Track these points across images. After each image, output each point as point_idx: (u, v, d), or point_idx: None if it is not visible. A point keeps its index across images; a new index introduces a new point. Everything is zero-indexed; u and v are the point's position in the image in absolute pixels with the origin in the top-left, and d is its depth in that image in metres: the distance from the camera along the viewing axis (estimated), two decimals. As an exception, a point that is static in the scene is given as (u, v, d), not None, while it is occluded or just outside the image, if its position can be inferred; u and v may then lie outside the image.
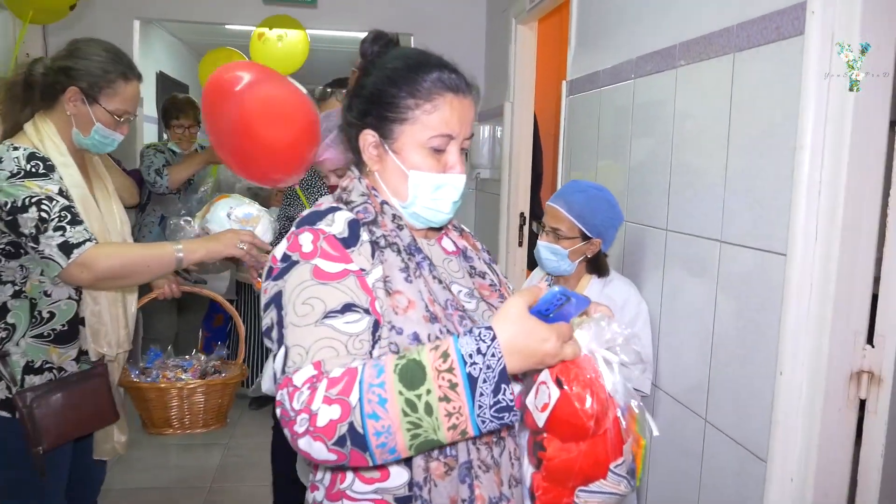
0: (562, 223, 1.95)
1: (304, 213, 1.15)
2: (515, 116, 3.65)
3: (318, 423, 0.90)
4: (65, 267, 1.62)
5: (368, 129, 1.15)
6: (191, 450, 3.58)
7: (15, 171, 1.65)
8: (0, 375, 1.70)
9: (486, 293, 1.22)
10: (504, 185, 3.73)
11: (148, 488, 3.19)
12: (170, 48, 7.07)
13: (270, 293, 1.07)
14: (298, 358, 0.98)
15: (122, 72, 1.80)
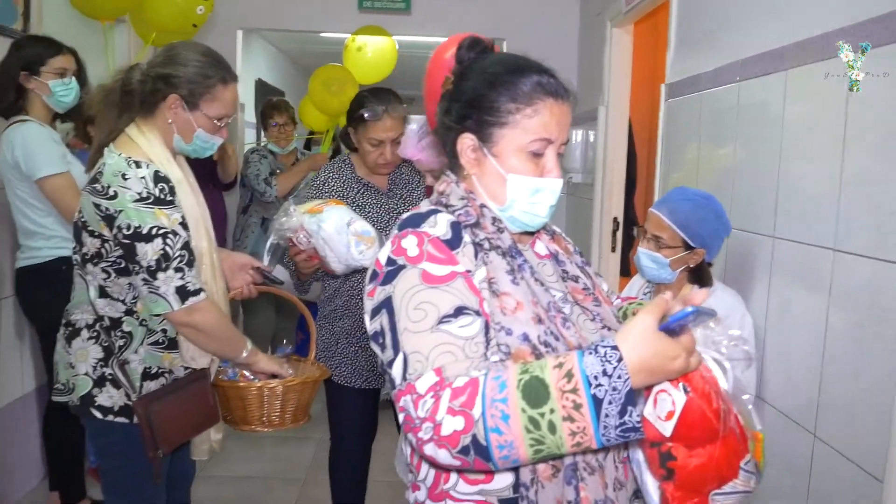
0: (664, 231, 1.91)
1: (404, 216, 1.15)
2: (610, 120, 3.61)
3: (442, 432, 0.93)
4: (175, 310, 1.66)
5: (467, 133, 1.16)
6: (286, 442, 3.70)
7: (144, 195, 1.65)
8: (118, 383, 1.74)
9: (579, 297, 1.21)
10: (597, 189, 3.69)
11: (245, 477, 3.32)
12: (268, 56, 7.33)
13: (378, 298, 1.08)
14: (419, 365, 0.99)
15: (222, 77, 1.80)
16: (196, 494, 3.02)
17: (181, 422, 1.80)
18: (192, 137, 1.80)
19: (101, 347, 1.74)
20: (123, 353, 1.75)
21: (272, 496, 3.16)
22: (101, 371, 1.74)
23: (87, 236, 1.69)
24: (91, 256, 1.70)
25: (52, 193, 2.46)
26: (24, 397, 2.94)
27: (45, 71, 2.54)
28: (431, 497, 1.13)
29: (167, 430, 1.75)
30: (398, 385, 1.01)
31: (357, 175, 2.34)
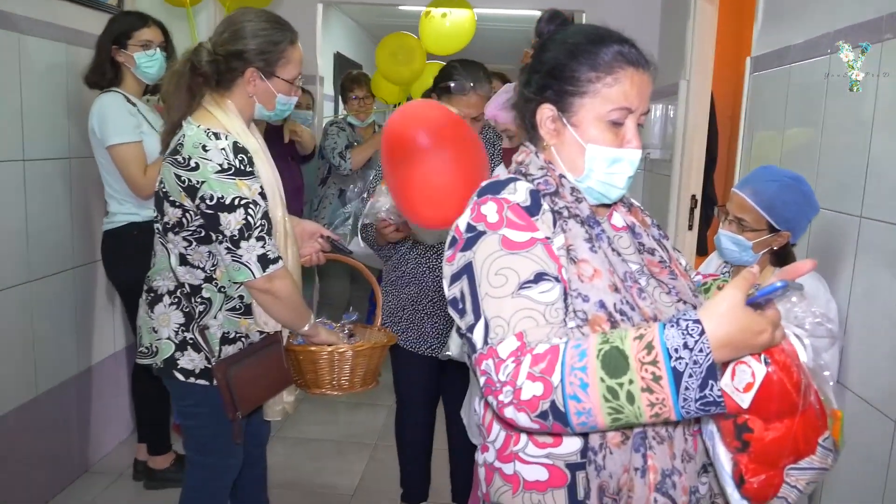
0: (748, 213, 1.84)
1: (482, 183, 1.16)
2: (691, 95, 3.50)
3: (521, 396, 0.96)
4: (257, 278, 1.73)
5: (547, 104, 1.16)
6: (358, 408, 3.81)
7: (224, 165, 1.69)
8: (199, 347, 1.83)
9: (655, 270, 1.20)
10: (675, 166, 3.60)
11: (319, 440, 3.44)
12: (346, 29, 7.41)
13: (459, 264, 1.09)
14: (500, 330, 1.01)
15: (290, 38, 1.83)
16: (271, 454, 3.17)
17: (257, 384, 1.87)
18: (274, 103, 1.85)
19: (182, 313, 1.83)
20: (203, 318, 1.82)
21: (343, 459, 3.27)
22: (183, 335, 1.83)
23: (168, 206, 1.76)
24: (172, 225, 1.77)
25: (117, 161, 2.56)
26: (116, 354, 3.12)
27: (131, 44, 2.63)
28: (500, 458, 1.16)
29: (245, 393, 1.83)
30: (479, 349, 1.03)
31: None
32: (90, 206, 2.92)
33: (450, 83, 2.26)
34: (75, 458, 2.91)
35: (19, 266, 2.53)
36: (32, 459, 2.64)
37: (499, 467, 1.16)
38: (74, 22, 2.80)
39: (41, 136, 2.63)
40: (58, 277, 2.74)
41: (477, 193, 1.14)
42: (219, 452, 1.93)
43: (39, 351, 2.65)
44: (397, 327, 2.39)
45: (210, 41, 1.82)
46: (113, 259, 2.75)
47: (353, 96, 4.09)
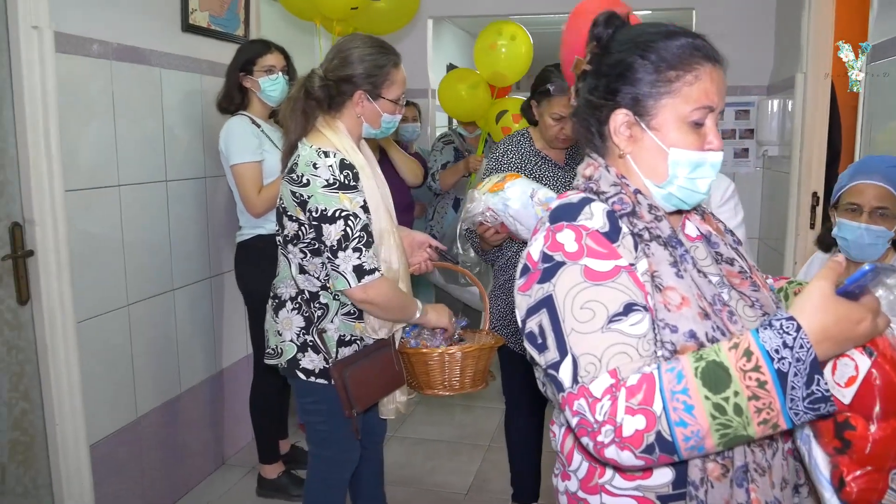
0: (888, 201, 1.75)
1: (553, 205, 1.09)
2: (809, 88, 3.36)
3: (624, 433, 0.90)
4: (352, 287, 1.84)
5: (622, 109, 1.09)
6: (473, 410, 3.91)
7: (330, 181, 1.83)
8: (318, 348, 1.98)
9: (735, 281, 1.14)
10: (794, 162, 3.46)
11: (435, 440, 3.57)
12: (458, 40, 7.58)
13: (536, 297, 1.03)
14: (592, 367, 0.95)
15: (393, 62, 1.97)
16: (389, 453, 3.32)
17: (371, 384, 2.00)
18: (380, 122, 1.99)
19: (302, 317, 1.99)
20: (321, 322, 1.97)
21: (457, 459, 3.37)
22: (304, 338, 1.99)
23: (286, 220, 1.93)
24: (291, 238, 1.93)
25: (236, 178, 2.75)
26: (247, 357, 3.38)
27: (256, 70, 2.83)
28: (585, 489, 1.11)
29: (360, 391, 1.97)
30: (568, 388, 0.96)
31: (535, 148, 2.42)
32: (222, 221, 3.19)
33: (549, 86, 2.31)
34: (212, 452, 3.18)
35: (164, 276, 2.82)
36: (175, 452, 2.92)
37: (583, 498, 1.12)
38: (208, 54, 3.07)
39: (180, 159, 2.91)
40: (196, 286, 3.02)
41: (549, 219, 1.06)
42: (337, 447, 2.08)
43: (182, 353, 2.93)
44: (506, 331, 2.46)
45: (321, 67, 1.98)
46: (242, 268, 2.98)
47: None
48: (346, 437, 2.06)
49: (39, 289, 2.25)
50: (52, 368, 2.30)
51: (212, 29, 3.13)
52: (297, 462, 3.12)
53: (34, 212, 2.21)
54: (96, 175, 2.46)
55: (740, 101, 4.24)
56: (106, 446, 2.52)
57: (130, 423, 2.64)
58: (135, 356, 2.66)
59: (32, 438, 2.30)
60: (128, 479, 2.64)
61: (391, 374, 2.07)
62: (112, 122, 2.52)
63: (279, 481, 3.00)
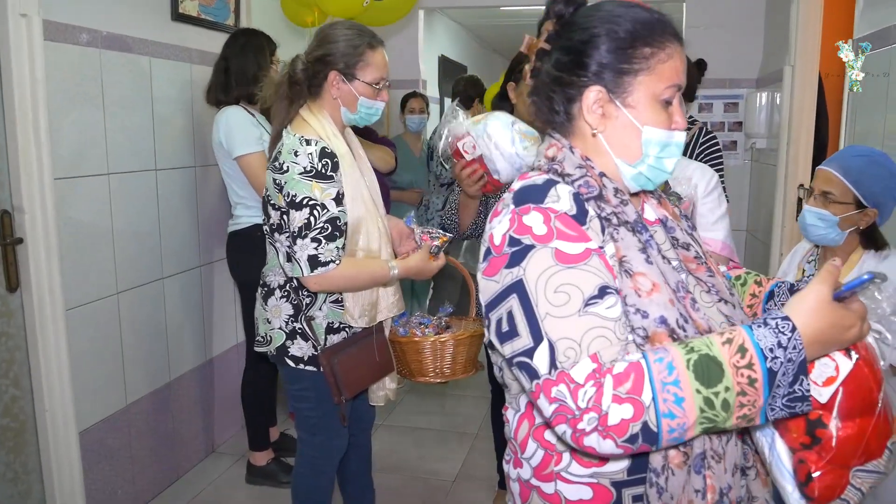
0: (834, 186, 1.79)
1: (516, 187, 1.06)
2: (797, 81, 3.40)
3: (609, 422, 0.88)
4: (305, 276, 1.85)
5: (595, 86, 1.05)
6: (462, 399, 3.94)
7: (307, 168, 1.83)
8: (307, 336, 2.00)
9: (692, 266, 1.13)
10: (782, 155, 3.50)
11: (424, 429, 3.60)
12: (450, 32, 7.57)
13: (504, 282, 0.99)
14: (571, 353, 0.92)
15: (368, 42, 1.94)
16: (378, 440, 3.34)
17: (359, 371, 2.02)
18: (357, 106, 1.97)
19: (291, 305, 2.00)
20: (310, 310, 1.99)
21: (446, 447, 3.40)
22: (292, 325, 2.01)
23: (271, 209, 1.94)
24: (276, 227, 1.94)
25: (246, 169, 2.76)
26: (237, 346, 3.40)
27: None
28: (538, 477, 1.10)
29: (348, 378, 1.99)
30: (543, 374, 0.93)
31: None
32: (212, 210, 3.20)
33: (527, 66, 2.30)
34: (202, 439, 3.21)
35: (153, 264, 2.83)
36: (165, 439, 2.94)
37: (536, 485, 1.11)
38: (198, 44, 3.08)
39: (170, 148, 2.92)
40: (186, 275, 3.03)
41: (513, 201, 1.03)
42: (326, 433, 2.10)
43: (172, 341, 2.95)
44: (491, 320, 2.47)
45: (305, 52, 1.99)
46: (236, 257, 2.99)
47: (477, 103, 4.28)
48: (335, 423, 2.08)
49: (29, 276, 2.26)
50: (41, 355, 2.31)
51: (202, 18, 3.13)
52: (286, 449, 3.15)
53: (23, 199, 2.22)
54: (85, 163, 2.47)
55: (729, 94, 4.27)
56: (95, 433, 2.54)
57: (120, 410, 2.66)
58: (124, 344, 2.67)
59: (22, 425, 2.32)
60: (117, 465, 2.66)
61: (380, 362, 2.09)
62: (101, 110, 2.53)
63: (269, 468, 3.03)
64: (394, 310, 2.09)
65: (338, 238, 1.87)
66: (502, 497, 2.76)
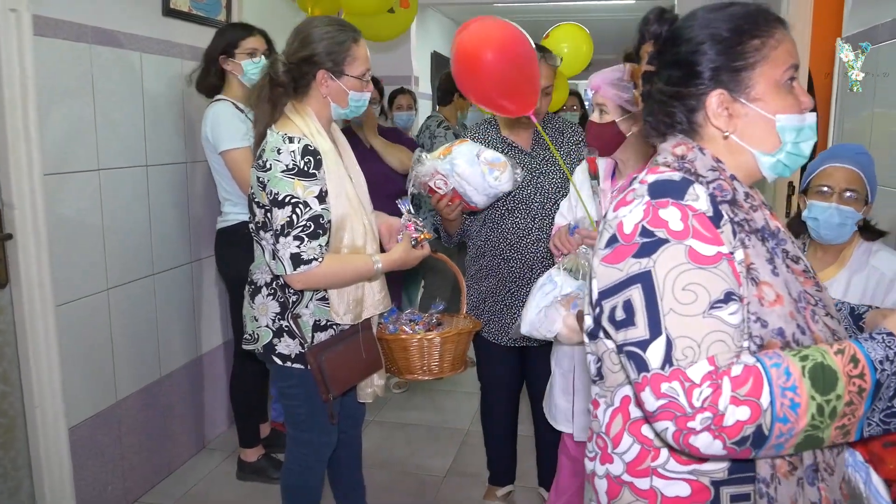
0: (858, 185, 1.80)
1: (650, 180, 1.06)
2: (786, 79, 3.41)
3: (724, 422, 0.90)
4: (288, 274, 1.85)
5: (715, 91, 1.06)
6: (453, 395, 3.95)
7: (290, 166, 1.83)
8: (294, 334, 1.99)
9: (800, 279, 1.10)
10: (770, 152, 3.51)
11: (415, 425, 3.60)
12: (443, 29, 7.57)
13: (630, 271, 1.00)
14: (690, 351, 0.93)
15: (352, 37, 1.94)
16: (369, 437, 3.36)
17: (347, 368, 2.02)
18: (347, 101, 1.97)
19: (277, 303, 2.01)
20: (296, 307, 1.99)
21: (437, 443, 3.41)
22: (279, 323, 2.01)
23: (255, 207, 1.94)
24: (261, 225, 1.94)
25: (230, 164, 2.75)
26: (227, 343, 3.39)
27: (238, 52, 2.81)
28: (632, 472, 1.10)
29: (335, 376, 1.99)
30: (654, 368, 0.94)
31: (501, 135, 2.44)
32: (203, 206, 3.20)
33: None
34: (192, 435, 3.21)
35: (144, 261, 2.82)
36: (156, 436, 2.94)
37: (629, 481, 1.10)
38: (190, 39, 3.06)
39: (160, 144, 2.91)
40: (176, 272, 3.03)
41: (649, 192, 1.03)
42: (315, 430, 2.11)
43: (162, 337, 2.94)
44: (480, 318, 2.48)
45: (284, 53, 1.97)
46: (224, 254, 2.98)
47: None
48: (324, 420, 2.08)
49: (19, 272, 2.25)
50: (31, 351, 2.31)
51: (193, 13, 3.12)
52: (276, 445, 3.15)
53: (13, 195, 2.22)
54: (75, 159, 2.46)
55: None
56: (85, 429, 2.54)
57: (110, 406, 2.66)
58: (114, 340, 2.67)
59: (12, 421, 2.32)
60: (107, 462, 2.66)
61: (368, 359, 2.09)
62: (91, 106, 2.52)
63: (259, 464, 3.03)
64: (380, 307, 2.09)
65: (321, 236, 1.87)
66: (492, 492, 2.77)
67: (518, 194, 2.29)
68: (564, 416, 2.21)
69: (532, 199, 2.37)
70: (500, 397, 2.62)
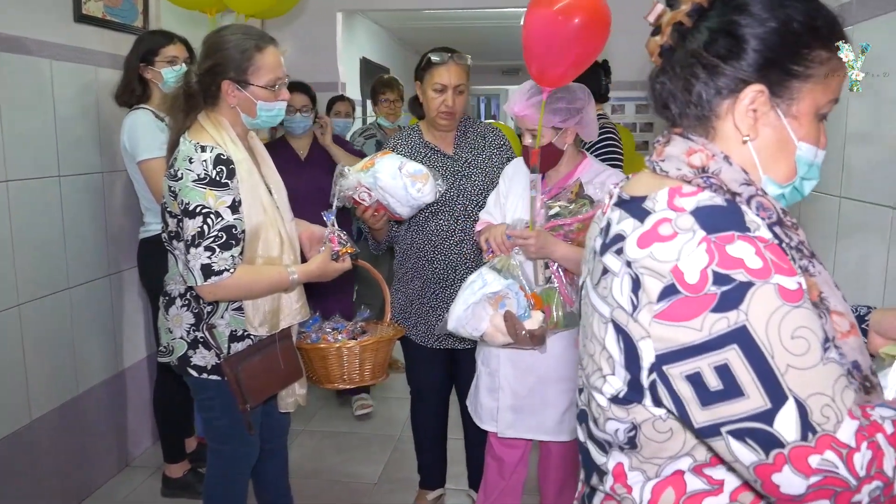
0: None
1: (684, 205, 0.85)
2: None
3: (895, 491, 0.78)
4: (199, 286, 1.82)
5: (756, 84, 0.88)
6: (385, 402, 3.93)
7: (201, 175, 1.80)
8: (209, 344, 1.96)
9: None
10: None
11: (347, 433, 3.58)
12: (372, 34, 7.56)
13: (716, 329, 0.79)
14: (829, 410, 0.77)
15: (255, 44, 1.87)
16: (300, 446, 3.32)
17: (265, 378, 1.99)
18: (256, 111, 1.92)
19: (192, 314, 1.97)
20: (211, 318, 1.96)
21: (368, 450, 3.40)
22: (194, 335, 1.97)
23: (168, 216, 1.91)
24: (173, 234, 1.91)
25: (147, 175, 2.69)
26: (150, 356, 3.31)
27: (158, 60, 2.76)
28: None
29: (253, 386, 1.96)
30: (792, 441, 0.77)
31: (424, 140, 2.47)
32: (122, 217, 3.11)
33: (430, 56, 2.35)
34: (115, 453, 3.11)
35: (58, 274, 2.73)
36: (75, 454, 2.84)
37: None
38: (104, 46, 2.98)
39: (75, 154, 2.82)
40: (93, 284, 2.94)
41: (703, 226, 0.82)
42: (235, 442, 2.07)
43: (80, 353, 2.85)
44: (408, 322, 2.50)
45: (196, 64, 1.94)
46: (146, 265, 2.90)
47: (383, 99, 4.26)
48: (243, 432, 2.05)
49: (-82, 290, 2.15)
50: (-67, 372, 2.20)
51: (107, 19, 3.04)
52: (203, 460, 3.07)
53: None
54: (-20, 170, 2.36)
55: (641, 96, 4.42)
56: (-3, 451, 2.44)
57: (24, 427, 2.55)
58: (27, 357, 2.57)
59: (-86, 446, 2.20)
60: (24, 484, 2.56)
61: (287, 368, 2.06)
62: (-4, 115, 2.42)
63: (185, 480, 2.96)
64: (297, 316, 2.07)
65: (234, 246, 1.84)
66: (423, 496, 2.78)
67: (442, 197, 2.32)
68: (490, 415, 2.24)
69: (455, 202, 2.40)
70: (430, 401, 2.63)
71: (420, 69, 2.40)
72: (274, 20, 4.40)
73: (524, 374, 2.16)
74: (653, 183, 0.93)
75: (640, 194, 0.91)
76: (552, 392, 2.15)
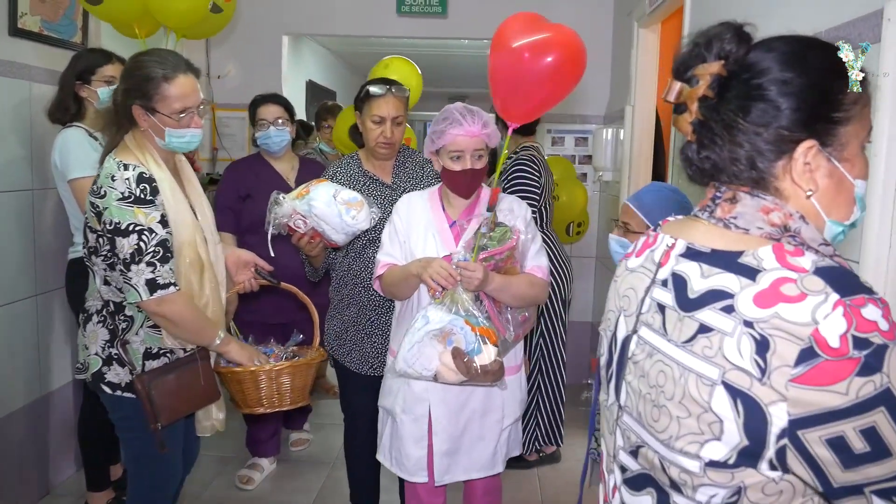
0: (632, 218, 1.96)
1: (804, 265, 0.86)
2: (636, 119, 3.66)
3: None
4: (144, 300, 1.82)
5: (807, 140, 0.89)
6: (320, 428, 3.89)
7: (126, 194, 1.80)
8: (123, 361, 1.93)
9: None
10: (623, 186, 3.75)
11: (280, 459, 3.50)
12: (319, 58, 7.58)
13: (863, 393, 0.80)
14: None
15: (163, 75, 1.86)
16: (230, 474, 3.24)
17: (178, 397, 1.96)
18: (165, 136, 1.91)
19: (107, 330, 1.95)
20: (126, 334, 1.93)
21: (301, 478, 3.35)
22: (109, 351, 1.94)
23: (89, 232, 1.90)
24: (93, 250, 1.90)
25: (77, 194, 2.63)
26: (77, 381, 3.19)
27: (95, 79, 2.72)
28: None
29: (165, 403, 1.92)
30: None
31: (364, 169, 2.49)
32: (53, 236, 3.03)
33: (368, 87, 2.39)
34: (36, 480, 2.99)
35: (-20, 294, 2.63)
36: (-7, 482, 2.72)
37: None
38: (40, 61, 2.92)
39: (5, 170, 2.75)
40: (18, 305, 2.84)
41: (836, 289, 0.83)
42: (154, 464, 2.02)
43: (2, 375, 2.74)
44: (342, 349, 2.49)
45: None
46: (74, 286, 2.83)
47: (326, 126, 4.27)
48: (158, 453, 1.97)
49: None
50: None
51: (44, 35, 2.99)
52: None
53: None
54: None
55: (580, 129, 4.54)
56: None
57: (-64, 453, 2.44)
58: (-57, 380, 2.46)
59: None
60: (-68, 514, 2.44)
61: (202, 389, 2.03)
62: (-80, 128, 2.34)
63: (108, 510, 2.87)
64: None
65: (170, 259, 1.86)
66: (356, 524, 2.75)
67: (378, 224, 2.33)
68: (418, 466, 2.16)
69: None
70: (362, 427, 2.62)
71: (359, 100, 2.43)
72: (219, 41, 4.38)
73: (457, 414, 2.12)
74: (733, 238, 0.93)
75: (724, 249, 0.92)
76: (486, 425, 2.14)
